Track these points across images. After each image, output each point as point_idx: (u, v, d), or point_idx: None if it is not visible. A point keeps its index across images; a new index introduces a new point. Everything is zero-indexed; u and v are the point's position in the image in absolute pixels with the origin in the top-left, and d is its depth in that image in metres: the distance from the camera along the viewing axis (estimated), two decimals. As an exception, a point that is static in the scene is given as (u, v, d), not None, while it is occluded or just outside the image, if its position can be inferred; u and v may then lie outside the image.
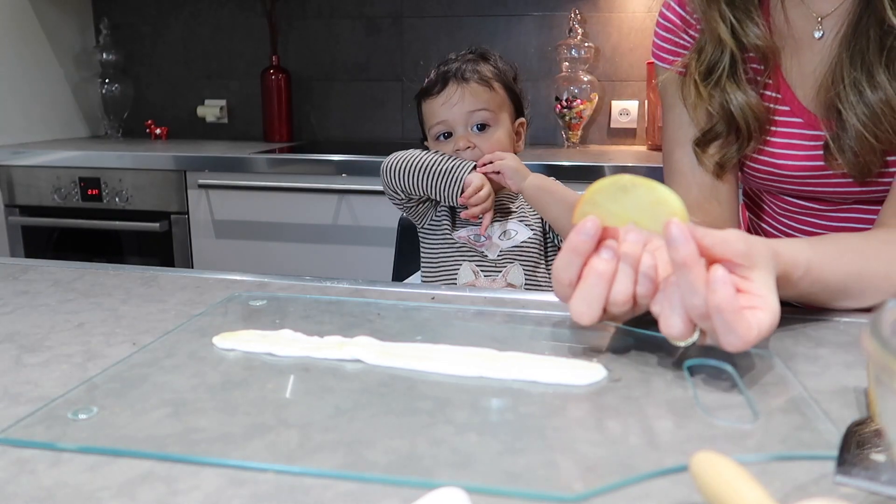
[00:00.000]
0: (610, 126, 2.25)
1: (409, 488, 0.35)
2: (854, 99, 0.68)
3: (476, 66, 1.06)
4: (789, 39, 0.76)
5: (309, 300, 0.65)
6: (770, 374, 0.49)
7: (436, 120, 1.06)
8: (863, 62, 0.68)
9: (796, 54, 0.76)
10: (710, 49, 0.75)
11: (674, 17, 0.81)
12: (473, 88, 1.04)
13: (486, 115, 1.05)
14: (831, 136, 0.72)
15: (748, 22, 0.73)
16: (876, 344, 0.30)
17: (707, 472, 0.31)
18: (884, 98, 0.67)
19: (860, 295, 0.60)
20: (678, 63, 0.80)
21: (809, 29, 0.75)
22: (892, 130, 0.68)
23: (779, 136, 0.77)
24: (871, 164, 0.70)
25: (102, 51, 2.38)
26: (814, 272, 0.57)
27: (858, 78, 0.68)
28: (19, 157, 1.99)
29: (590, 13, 2.19)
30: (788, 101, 0.77)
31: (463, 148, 1.04)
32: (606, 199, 0.51)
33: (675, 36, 0.81)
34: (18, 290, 0.68)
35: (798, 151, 0.76)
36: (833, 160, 0.72)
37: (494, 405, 0.45)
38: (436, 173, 1.01)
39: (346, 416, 0.42)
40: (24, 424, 0.41)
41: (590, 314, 0.50)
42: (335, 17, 2.35)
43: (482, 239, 1.04)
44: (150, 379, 0.48)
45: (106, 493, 0.35)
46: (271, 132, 2.33)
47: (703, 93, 0.76)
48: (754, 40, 0.73)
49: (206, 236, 1.94)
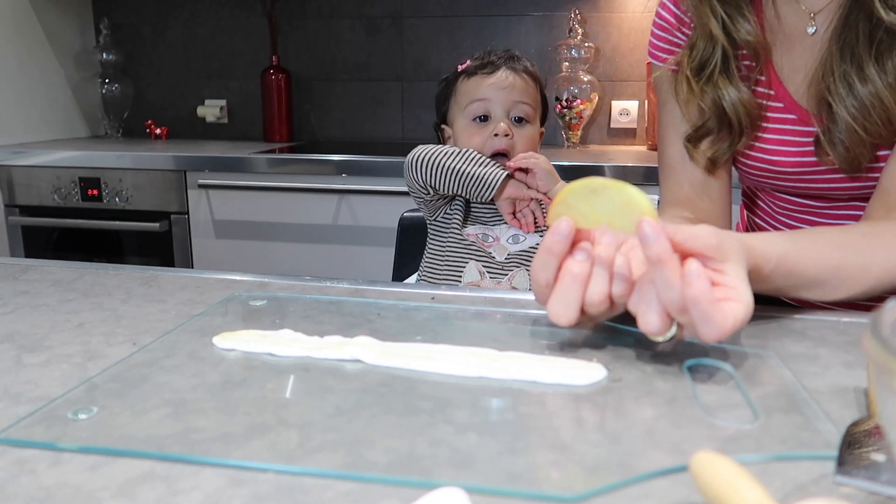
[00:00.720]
0: (610, 126, 2.25)
1: (409, 488, 0.35)
2: (844, 92, 0.69)
3: (524, 62, 1.08)
4: (781, 35, 0.77)
5: (309, 300, 0.65)
6: (770, 374, 0.49)
7: (478, 97, 1.05)
8: (852, 56, 0.69)
9: (789, 50, 0.77)
10: (702, 45, 0.76)
11: (668, 16, 0.82)
12: (524, 79, 1.06)
13: (528, 109, 1.05)
14: (822, 131, 0.72)
15: (739, 18, 0.74)
16: (876, 344, 0.30)
17: (707, 472, 0.31)
18: (873, 91, 0.68)
19: (839, 286, 0.61)
20: (671, 60, 0.81)
21: (802, 25, 0.75)
22: (882, 123, 0.68)
23: (771, 133, 0.78)
24: (861, 158, 0.71)
25: (102, 51, 2.38)
26: (787, 265, 0.57)
27: (848, 71, 0.69)
28: (19, 157, 1.99)
29: (590, 13, 2.19)
30: (781, 96, 0.77)
31: (502, 134, 1.03)
32: (579, 200, 0.53)
33: (670, 34, 0.82)
34: (18, 290, 0.69)
35: (791, 147, 0.77)
36: (824, 154, 0.73)
37: (494, 405, 0.45)
38: (469, 177, 0.99)
39: (346, 416, 0.42)
40: (24, 424, 0.41)
41: (567, 315, 0.51)
42: (335, 17, 2.35)
43: (490, 239, 1.04)
44: (150, 379, 0.48)
45: (106, 493, 0.35)
46: (271, 132, 2.33)
47: (695, 89, 0.77)
48: (745, 36, 0.74)
49: (206, 236, 1.94)
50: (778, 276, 0.57)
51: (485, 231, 1.05)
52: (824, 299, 0.62)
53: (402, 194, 1.76)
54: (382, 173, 1.80)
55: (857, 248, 0.63)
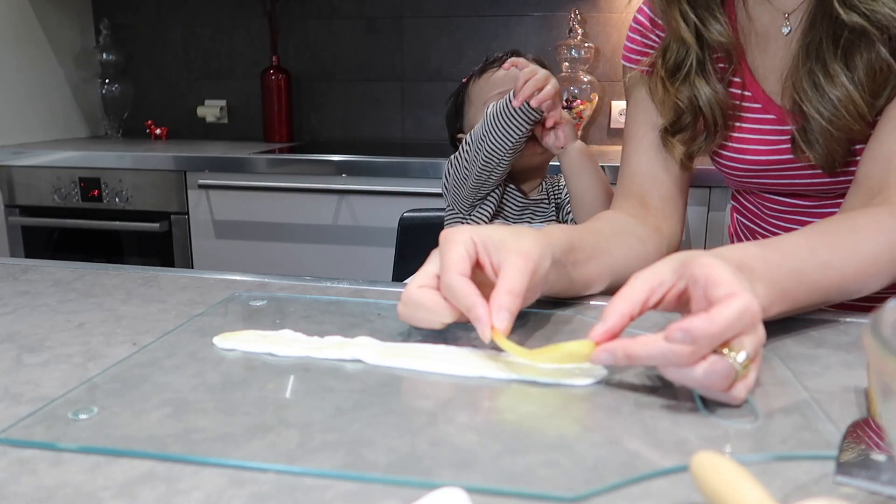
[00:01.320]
0: (610, 126, 2.25)
1: (410, 488, 0.35)
2: (811, 91, 0.70)
3: (528, 56, 1.13)
4: (757, 36, 0.77)
5: (309, 300, 0.65)
6: (770, 374, 0.49)
7: (495, 89, 1.09)
8: (818, 55, 0.69)
9: (765, 50, 0.77)
10: (675, 48, 0.77)
11: (643, 20, 0.83)
12: (533, 63, 1.08)
13: None
14: (797, 129, 0.73)
15: (710, 20, 0.75)
16: (876, 344, 0.30)
17: (707, 472, 0.31)
18: (841, 88, 0.68)
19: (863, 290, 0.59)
20: (644, 62, 0.82)
21: (777, 25, 0.76)
22: (853, 119, 0.68)
23: (750, 132, 0.78)
24: (836, 155, 0.71)
25: (102, 51, 2.38)
26: (775, 259, 0.53)
27: (814, 70, 0.69)
28: (19, 157, 1.99)
29: (590, 13, 2.19)
30: (757, 97, 0.78)
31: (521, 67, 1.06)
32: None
33: (643, 37, 0.83)
34: (19, 290, 0.69)
35: (770, 146, 0.77)
36: (800, 152, 0.73)
37: (494, 405, 0.45)
38: (487, 124, 1.00)
39: (346, 416, 0.42)
40: (25, 424, 0.41)
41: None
42: (335, 17, 2.35)
43: None
44: (150, 379, 0.48)
45: (106, 493, 0.35)
46: (271, 132, 2.32)
47: (670, 90, 0.78)
48: (717, 38, 0.74)
49: (206, 236, 1.94)
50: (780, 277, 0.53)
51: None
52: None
53: (402, 194, 1.76)
54: (382, 173, 1.80)
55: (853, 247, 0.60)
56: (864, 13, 0.65)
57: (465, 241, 0.53)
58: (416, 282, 0.54)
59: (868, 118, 0.69)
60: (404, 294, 0.54)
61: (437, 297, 0.52)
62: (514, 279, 0.50)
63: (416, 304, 0.53)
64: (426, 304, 0.52)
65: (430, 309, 0.52)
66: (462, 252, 0.52)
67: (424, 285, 0.53)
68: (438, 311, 0.52)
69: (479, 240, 0.53)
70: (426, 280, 0.54)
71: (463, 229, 0.54)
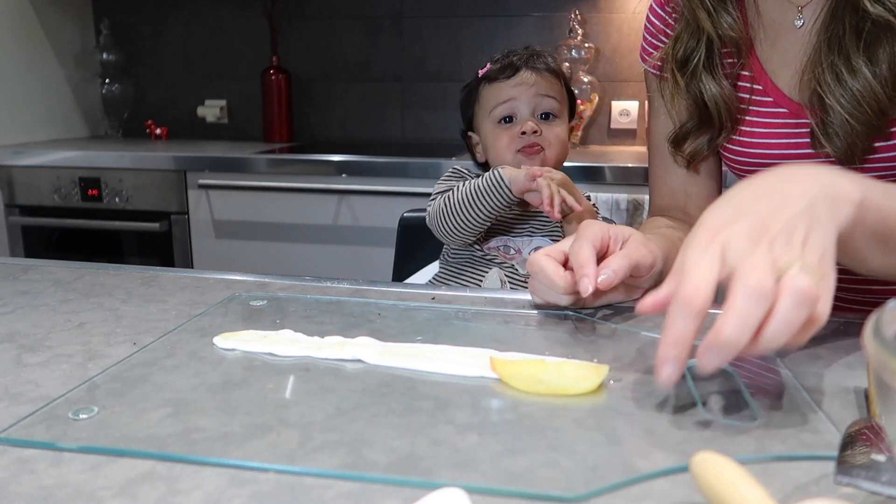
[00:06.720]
0: (610, 126, 2.25)
1: (410, 488, 0.35)
2: (833, 84, 0.69)
3: (544, 59, 1.07)
4: (768, 29, 0.77)
5: (309, 300, 0.65)
6: (770, 374, 0.49)
7: (503, 99, 1.03)
8: (840, 48, 0.69)
9: (777, 44, 0.77)
10: (686, 38, 0.77)
11: (655, 20, 0.84)
12: (545, 76, 1.05)
13: (554, 104, 1.05)
14: (816, 123, 0.73)
15: (722, 11, 0.75)
16: (876, 344, 0.30)
17: (707, 472, 0.31)
18: (863, 82, 0.68)
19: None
20: (655, 55, 0.82)
21: (790, 18, 0.76)
22: (874, 113, 0.68)
23: (763, 127, 0.78)
24: (856, 149, 0.71)
25: (102, 51, 2.38)
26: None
27: (836, 63, 0.69)
28: (19, 157, 1.99)
29: (590, 13, 2.19)
30: (769, 90, 0.77)
31: (529, 132, 1.01)
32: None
33: (656, 39, 0.84)
34: (19, 290, 0.69)
35: (785, 140, 0.77)
36: (820, 146, 0.73)
37: (494, 405, 0.45)
38: (479, 191, 0.96)
39: (346, 416, 0.42)
40: (25, 424, 0.41)
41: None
42: (335, 17, 2.35)
43: (512, 251, 1.02)
44: (150, 379, 0.48)
45: (107, 493, 0.35)
46: (271, 132, 2.33)
47: (679, 83, 0.78)
48: (728, 30, 0.75)
49: (206, 236, 1.94)
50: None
51: (506, 243, 1.02)
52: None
53: (402, 194, 1.76)
54: (382, 173, 1.80)
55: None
56: (891, 7, 0.65)
57: (602, 227, 0.63)
58: (544, 250, 0.63)
59: (889, 113, 0.68)
60: (530, 258, 0.63)
61: (558, 266, 0.61)
62: (633, 249, 0.61)
63: (538, 267, 0.61)
64: (546, 268, 0.61)
65: (549, 275, 0.60)
66: (597, 231, 0.62)
67: (550, 255, 0.62)
68: (555, 278, 0.60)
69: (613, 233, 0.63)
70: (553, 252, 0.63)
71: (601, 223, 0.64)
